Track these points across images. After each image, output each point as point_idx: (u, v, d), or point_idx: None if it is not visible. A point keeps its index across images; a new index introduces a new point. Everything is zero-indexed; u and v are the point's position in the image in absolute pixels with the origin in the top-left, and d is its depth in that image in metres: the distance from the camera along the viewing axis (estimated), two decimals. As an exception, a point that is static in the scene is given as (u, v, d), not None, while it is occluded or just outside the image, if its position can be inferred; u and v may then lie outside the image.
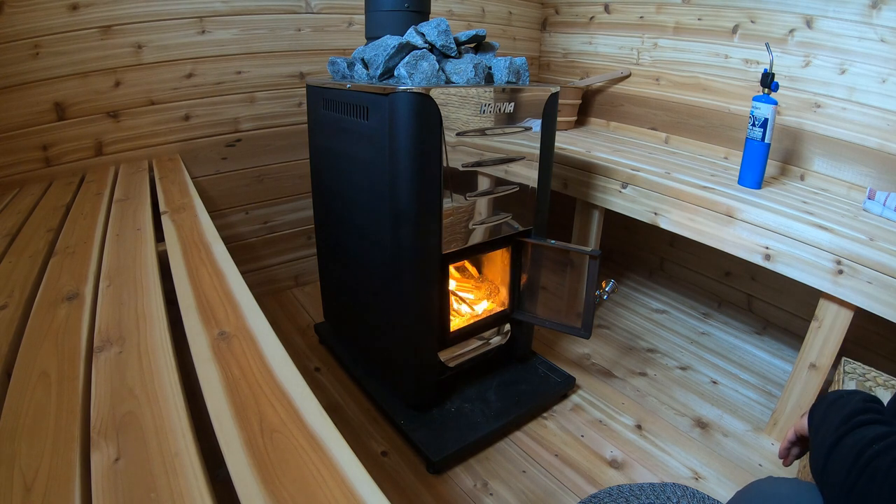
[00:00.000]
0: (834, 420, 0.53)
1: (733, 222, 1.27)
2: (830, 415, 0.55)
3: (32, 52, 1.28)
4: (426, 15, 1.22)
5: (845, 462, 0.48)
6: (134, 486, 0.42)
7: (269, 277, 1.88)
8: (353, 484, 0.43)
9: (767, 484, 0.59)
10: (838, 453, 0.50)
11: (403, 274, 1.09)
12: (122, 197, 1.17)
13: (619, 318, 1.83)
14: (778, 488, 0.57)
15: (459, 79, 1.08)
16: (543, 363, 1.43)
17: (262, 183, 1.75)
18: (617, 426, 1.30)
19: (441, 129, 1.01)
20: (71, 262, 0.85)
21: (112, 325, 0.66)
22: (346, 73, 1.21)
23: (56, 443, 0.47)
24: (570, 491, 1.10)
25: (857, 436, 0.49)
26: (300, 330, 1.68)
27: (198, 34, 1.49)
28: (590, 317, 1.21)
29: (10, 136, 1.31)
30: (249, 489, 0.42)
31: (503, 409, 1.25)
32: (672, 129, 1.96)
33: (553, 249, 1.25)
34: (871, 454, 0.47)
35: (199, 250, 0.88)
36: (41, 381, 0.56)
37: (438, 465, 1.12)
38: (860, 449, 0.48)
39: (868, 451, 0.47)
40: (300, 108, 1.73)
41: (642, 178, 1.47)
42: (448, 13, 2.01)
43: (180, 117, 1.54)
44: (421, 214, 1.04)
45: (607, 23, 2.10)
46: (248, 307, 0.70)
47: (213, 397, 0.52)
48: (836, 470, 0.49)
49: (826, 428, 0.54)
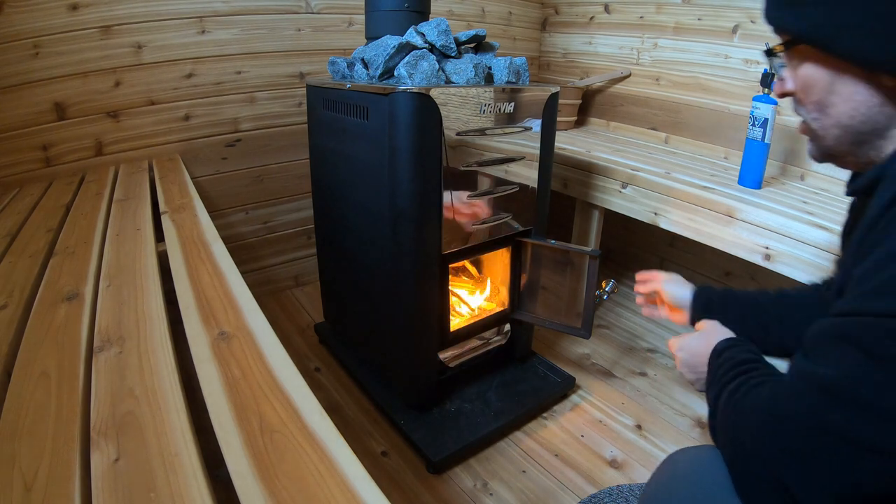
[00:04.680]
0: (714, 385, 0.61)
1: (733, 222, 1.27)
2: (712, 379, 0.62)
3: (32, 52, 1.28)
4: (426, 15, 1.22)
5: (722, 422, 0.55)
6: (134, 485, 0.42)
7: (269, 277, 1.88)
8: (353, 484, 0.43)
9: (681, 453, 0.62)
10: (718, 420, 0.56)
11: (403, 274, 1.09)
12: (122, 197, 1.17)
13: (619, 318, 1.83)
14: (685, 454, 0.61)
15: (459, 79, 1.08)
16: (543, 363, 1.43)
17: (262, 183, 1.75)
18: (617, 426, 1.30)
19: (441, 129, 1.01)
20: (71, 262, 0.85)
21: (112, 325, 0.66)
22: (346, 73, 1.21)
23: (56, 443, 0.47)
24: (570, 491, 1.10)
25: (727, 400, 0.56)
26: (300, 330, 1.68)
27: (198, 34, 1.49)
28: (590, 317, 1.21)
29: (10, 136, 1.31)
30: (249, 489, 0.42)
31: (503, 409, 1.25)
32: (672, 129, 1.96)
33: (553, 249, 1.25)
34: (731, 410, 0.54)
35: (199, 250, 0.88)
36: (41, 381, 0.56)
37: (438, 465, 1.12)
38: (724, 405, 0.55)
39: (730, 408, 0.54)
40: (300, 108, 1.73)
41: (642, 178, 1.47)
42: (448, 13, 2.01)
43: (180, 117, 1.54)
44: (421, 214, 1.04)
45: (607, 23, 2.10)
46: (248, 307, 0.70)
47: (213, 397, 0.52)
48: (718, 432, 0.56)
49: (710, 392, 0.61)
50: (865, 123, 0.52)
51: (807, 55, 0.54)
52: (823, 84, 0.53)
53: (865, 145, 0.54)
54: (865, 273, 0.43)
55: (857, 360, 0.42)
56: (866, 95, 0.51)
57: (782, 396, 0.47)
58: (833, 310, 0.46)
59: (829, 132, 0.56)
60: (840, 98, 0.53)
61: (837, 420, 0.42)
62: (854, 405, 0.41)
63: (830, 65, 0.52)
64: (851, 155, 0.56)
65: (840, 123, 0.54)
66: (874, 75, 0.50)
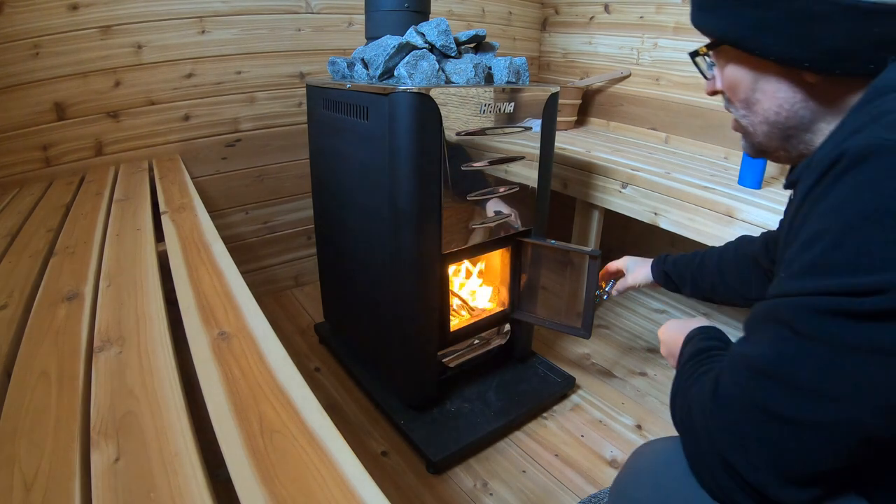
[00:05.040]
0: (677, 371, 0.62)
1: (733, 222, 1.27)
2: (677, 365, 0.64)
3: (32, 52, 1.28)
4: (426, 15, 1.22)
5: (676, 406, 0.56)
6: (134, 485, 0.42)
7: (269, 277, 1.88)
8: (353, 484, 0.43)
9: (647, 445, 0.63)
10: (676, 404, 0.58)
11: (403, 274, 1.09)
12: (122, 197, 1.17)
13: (619, 318, 1.83)
14: (651, 446, 0.62)
15: (459, 79, 1.08)
16: (543, 363, 1.43)
17: (262, 183, 1.75)
18: (617, 426, 1.30)
19: (441, 129, 1.01)
20: (71, 262, 0.85)
21: (112, 325, 0.66)
22: (346, 73, 1.21)
23: (56, 443, 0.47)
24: (570, 491, 1.10)
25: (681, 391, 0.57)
26: (300, 330, 1.68)
27: (198, 34, 1.49)
28: (590, 317, 1.21)
29: (10, 136, 1.31)
30: (249, 489, 0.42)
31: (503, 409, 1.25)
32: (672, 129, 1.96)
33: (553, 249, 1.25)
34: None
35: (199, 250, 0.88)
36: (41, 381, 0.56)
37: (438, 465, 1.12)
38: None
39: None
40: (300, 108, 1.73)
41: (642, 178, 1.47)
42: (448, 13, 2.01)
43: (180, 117, 1.54)
44: (421, 214, 1.04)
45: (607, 23, 2.10)
46: (248, 307, 0.70)
47: (213, 397, 0.52)
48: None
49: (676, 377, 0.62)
50: (791, 119, 0.55)
51: (730, 56, 0.57)
52: (748, 83, 0.56)
53: (794, 139, 0.56)
54: (792, 256, 0.45)
55: (784, 339, 0.43)
56: (789, 92, 0.53)
57: (722, 379, 0.48)
58: (767, 294, 0.47)
59: (758, 128, 0.58)
60: (764, 95, 0.55)
61: (769, 398, 0.43)
62: (784, 383, 0.42)
63: (753, 64, 0.55)
64: (782, 150, 0.58)
65: (767, 120, 0.56)
66: (795, 72, 0.52)
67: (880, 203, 0.38)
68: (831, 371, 0.40)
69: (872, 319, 0.38)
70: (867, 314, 0.38)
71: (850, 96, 0.51)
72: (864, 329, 0.39)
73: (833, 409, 0.40)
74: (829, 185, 0.42)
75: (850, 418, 0.40)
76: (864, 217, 0.39)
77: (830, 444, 0.41)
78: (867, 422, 0.40)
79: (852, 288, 0.39)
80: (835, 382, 0.40)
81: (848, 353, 0.40)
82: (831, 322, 0.40)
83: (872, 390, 0.39)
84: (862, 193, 0.40)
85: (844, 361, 0.40)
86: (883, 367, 0.39)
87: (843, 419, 0.40)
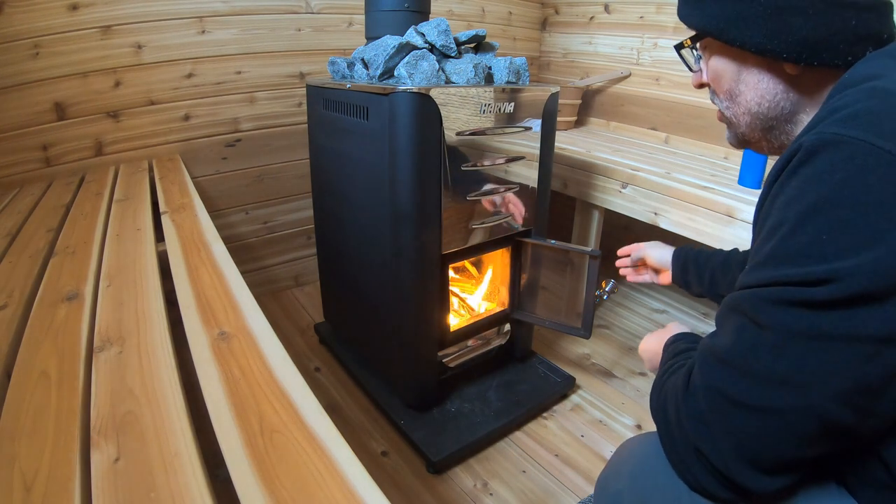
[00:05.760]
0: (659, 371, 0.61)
1: (733, 222, 1.27)
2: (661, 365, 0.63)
3: (32, 52, 1.28)
4: (426, 15, 1.22)
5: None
6: (134, 486, 0.42)
7: (269, 277, 1.88)
8: (353, 484, 0.43)
9: (630, 440, 0.64)
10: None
11: (403, 274, 1.09)
12: (122, 197, 1.17)
13: (619, 318, 1.83)
14: (633, 440, 0.62)
15: (459, 79, 1.08)
16: (543, 363, 1.43)
17: (262, 183, 1.75)
18: (617, 426, 1.30)
19: (441, 129, 1.01)
20: (71, 262, 0.85)
21: (112, 325, 0.66)
22: (346, 73, 1.21)
23: (56, 443, 0.47)
24: (570, 491, 1.10)
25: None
26: (300, 330, 1.68)
27: (198, 34, 1.49)
28: (590, 317, 1.21)
29: (10, 136, 1.31)
30: (249, 489, 0.42)
31: (503, 409, 1.25)
32: (672, 129, 1.96)
33: (553, 249, 1.25)
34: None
35: (199, 250, 0.88)
36: (41, 381, 0.56)
37: (438, 465, 1.12)
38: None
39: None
40: (300, 108, 1.73)
41: (642, 178, 1.47)
42: (448, 13, 2.01)
43: (180, 117, 1.54)
44: (421, 214, 1.04)
45: (607, 23, 2.10)
46: (248, 307, 0.70)
47: (213, 397, 0.52)
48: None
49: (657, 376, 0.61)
50: (773, 109, 0.56)
51: (714, 48, 0.58)
52: (730, 74, 0.57)
53: (776, 130, 0.58)
54: (755, 249, 0.46)
55: (743, 328, 0.44)
56: (770, 83, 0.55)
57: (693, 371, 0.49)
58: (735, 286, 0.48)
59: (741, 119, 0.59)
60: (747, 87, 0.57)
61: (730, 385, 0.44)
62: (743, 371, 0.43)
63: (735, 56, 0.56)
64: (765, 140, 0.60)
65: (750, 111, 0.57)
66: (776, 64, 0.53)
67: (828, 194, 0.40)
68: (787, 358, 0.41)
69: (824, 308, 0.39)
70: (819, 303, 0.39)
71: (829, 88, 0.52)
72: (816, 317, 0.40)
73: (791, 396, 0.41)
74: (786, 178, 0.44)
75: (806, 405, 0.41)
76: (814, 209, 0.40)
77: (790, 431, 0.42)
78: (824, 408, 0.40)
79: (805, 277, 0.40)
80: (791, 370, 0.41)
81: (802, 341, 0.41)
82: (786, 311, 0.41)
83: (827, 377, 0.40)
84: (812, 186, 0.41)
85: (799, 349, 0.41)
86: (836, 354, 0.40)
87: (801, 406, 0.41)
